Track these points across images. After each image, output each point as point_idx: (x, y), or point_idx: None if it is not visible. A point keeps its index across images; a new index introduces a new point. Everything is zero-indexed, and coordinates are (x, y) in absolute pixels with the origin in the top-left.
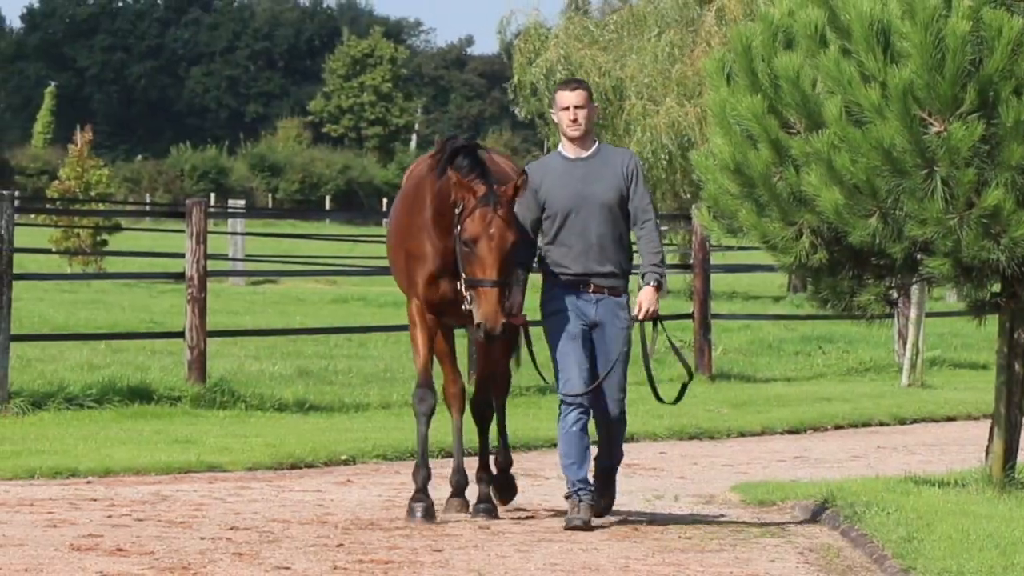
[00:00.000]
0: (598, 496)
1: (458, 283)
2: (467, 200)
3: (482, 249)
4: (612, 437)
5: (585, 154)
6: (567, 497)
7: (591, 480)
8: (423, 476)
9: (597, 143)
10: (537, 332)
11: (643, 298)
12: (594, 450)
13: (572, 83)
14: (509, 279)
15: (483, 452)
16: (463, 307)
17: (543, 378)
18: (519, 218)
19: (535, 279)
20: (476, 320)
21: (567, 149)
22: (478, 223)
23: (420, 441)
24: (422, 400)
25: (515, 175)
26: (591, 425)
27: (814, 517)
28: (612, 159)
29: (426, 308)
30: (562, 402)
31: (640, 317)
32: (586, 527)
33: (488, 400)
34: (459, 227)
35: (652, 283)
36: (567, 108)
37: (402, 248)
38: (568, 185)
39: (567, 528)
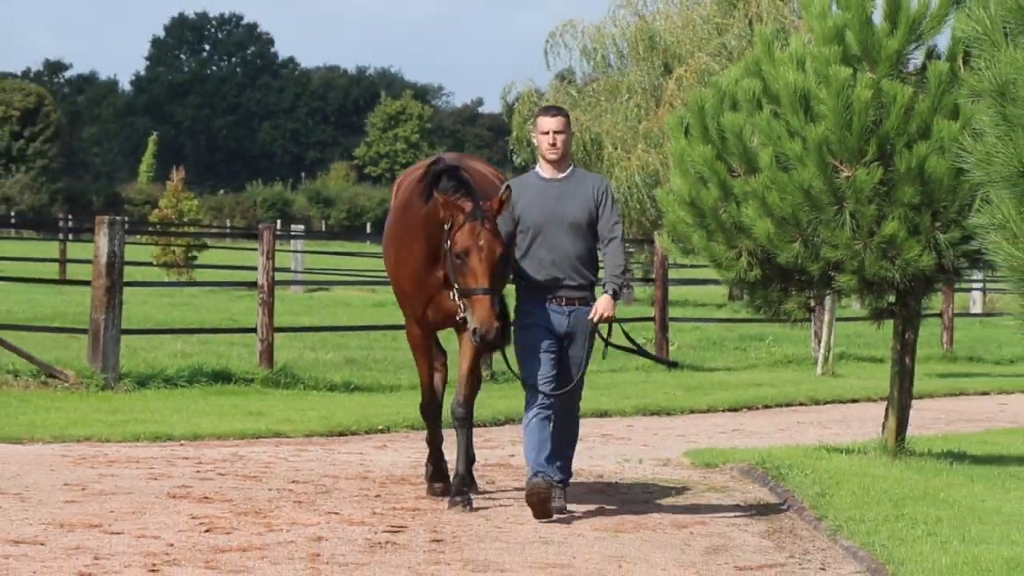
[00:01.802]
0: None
1: (450, 294)
2: (456, 217)
3: (473, 260)
4: (564, 438)
5: (560, 175)
6: (529, 478)
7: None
8: (439, 489)
9: (572, 166)
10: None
11: (599, 303)
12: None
13: (553, 110)
14: (499, 287)
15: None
16: (457, 316)
17: (512, 370)
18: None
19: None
20: (472, 326)
21: (544, 170)
22: (468, 236)
23: (434, 452)
24: (428, 412)
25: (494, 177)
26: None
27: (748, 476)
28: (585, 182)
29: (427, 325)
30: (527, 401)
31: (595, 320)
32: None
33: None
34: (449, 242)
35: (609, 291)
36: (547, 132)
37: (399, 272)
38: (543, 203)
39: (529, 495)
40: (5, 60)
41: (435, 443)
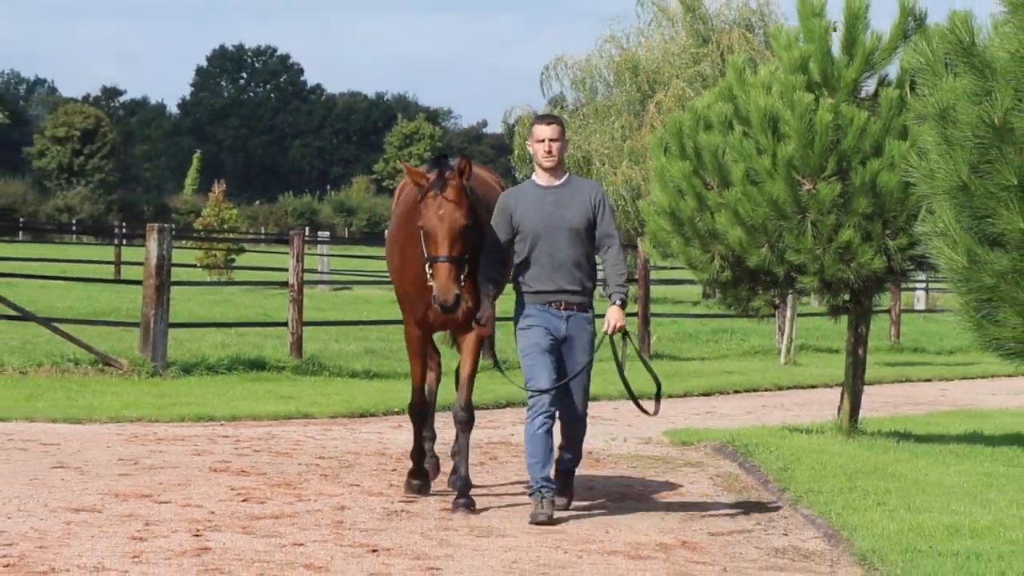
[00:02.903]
0: (558, 493)
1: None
2: (421, 188)
3: (434, 229)
4: (574, 438)
5: (556, 183)
6: (531, 495)
7: (553, 478)
8: (418, 486)
9: (568, 174)
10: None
11: (610, 316)
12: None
13: (548, 118)
14: (462, 257)
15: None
16: (427, 282)
17: (503, 372)
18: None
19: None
20: (434, 293)
21: (540, 178)
22: (429, 206)
23: (416, 450)
24: (416, 412)
25: (496, 184)
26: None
27: (720, 453)
28: (582, 189)
29: (427, 326)
30: (530, 407)
31: (608, 332)
32: (550, 521)
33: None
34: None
35: (618, 302)
36: (542, 140)
37: (403, 273)
38: (540, 210)
39: (533, 523)
40: (68, 86)
41: (418, 443)
